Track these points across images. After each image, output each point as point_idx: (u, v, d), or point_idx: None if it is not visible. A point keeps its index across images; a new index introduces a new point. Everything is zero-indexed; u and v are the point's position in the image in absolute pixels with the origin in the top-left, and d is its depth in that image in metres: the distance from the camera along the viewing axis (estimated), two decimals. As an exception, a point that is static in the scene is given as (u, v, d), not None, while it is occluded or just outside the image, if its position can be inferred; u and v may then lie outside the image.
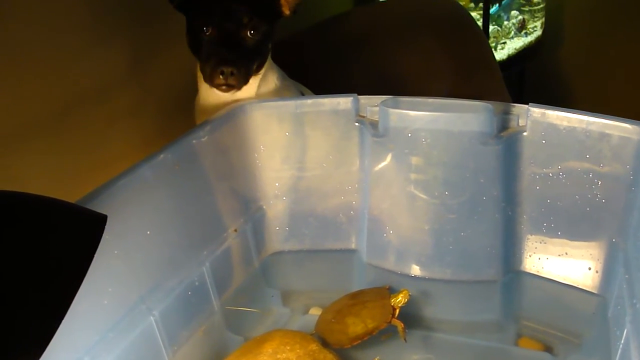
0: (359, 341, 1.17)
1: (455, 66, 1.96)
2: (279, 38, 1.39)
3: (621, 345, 0.98)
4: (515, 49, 2.86)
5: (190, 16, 1.30)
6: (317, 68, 1.82)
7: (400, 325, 1.16)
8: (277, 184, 1.33)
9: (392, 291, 1.21)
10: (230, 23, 1.26)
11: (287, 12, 1.35)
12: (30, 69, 1.24)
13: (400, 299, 1.17)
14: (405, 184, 1.24)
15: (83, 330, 0.94)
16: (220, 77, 1.24)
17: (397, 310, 1.17)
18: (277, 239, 1.37)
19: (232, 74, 1.24)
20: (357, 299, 1.22)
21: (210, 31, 1.26)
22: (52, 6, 1.27)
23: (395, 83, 1.86)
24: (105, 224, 0.68)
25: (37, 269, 0.61)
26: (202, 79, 1.33)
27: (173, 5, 1.30)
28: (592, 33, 2.97)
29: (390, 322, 1.17)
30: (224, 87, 1.27)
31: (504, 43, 2.85)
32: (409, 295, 1.17)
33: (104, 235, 0.68)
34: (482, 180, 1.19)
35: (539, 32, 2.92)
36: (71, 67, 1.31)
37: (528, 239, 1.22)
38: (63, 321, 0.62)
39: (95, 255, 0.66)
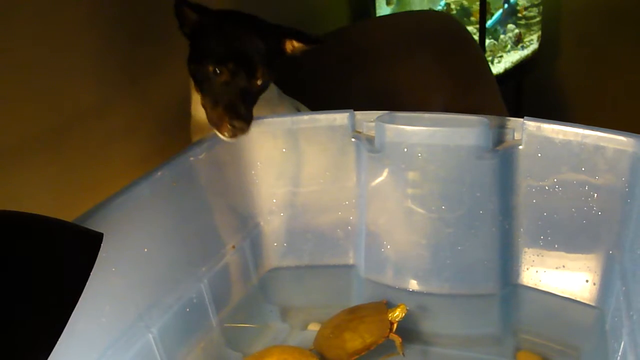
0: (357, 356, 1.17)
1: (452, 81, 1.97)
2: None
3: (619, 358, 0.98)
4: (512, 62, 2.87)
5: (199, 47, 1.28)
6: (313, 84, 1.82)
7: (398, 339, 1.17)
8: (274, 200, 1.33)
9: (389, 306, 1.21)
10: (243, 72, 1.24)
11: (289, 52, 1.34)
12: (29, 87, 1.24)
13: (397, 314, 1.17)
14: (402, 198, 1.24)
15: (81, 349, 0.94)
16: (228, 126, 1.21)
17: (395, 325, 1.18)
18: (275, 255, 1.37)
19: (241, 128, 1.22)
20: (354, 314, 1.22)
21: (221, 74, 1.23)
22: (51, 24, 1.28)
23: (392, 99, 1.87)
24: (101, 242, 0.68)
25: (34, 287, 0.61)
26: (195, 98, 1.32)
27: (182, 32, 1.29)
28: (589, 45, 2.98)
29: (388, 336, 1.17)
30: (228, 135, 1.24)
31: (501, 57, 2.86)
32: (407, 309, 1.17)
33: (101, 252, 0.68)
34: (478, 194, 1.19)
35: (535, 45, 2.93)
36: (69, 84, 1.31)
37: (525, 252, 1.22)
38: (62, 340, 0.62)
39: (93, 273, 0.66)
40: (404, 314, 1.17)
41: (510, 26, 2.88)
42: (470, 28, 2.64)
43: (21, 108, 1.24)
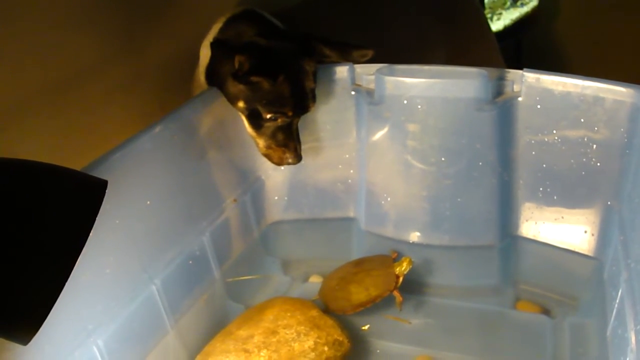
0: (362, 308, 1.18)
1: (451, 38, 1.95)
2: (274, 11, 1.39)
3: (616, 305, 0.99)
4: (511, 19, 2.85)
5: (254, 94, 1.21)
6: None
7: (399, 298, 1.17)
8: (275, 154, 1.34)
9: (397, 259, 1.21)
10: (298, 114, 1.23)
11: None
12: (29, 45, 1.23)
13: (404, 267, 1.17)
14: (402, 151, 1.25)
15: (86, 299, 0.95)
16: (287, 162, 1.24)
17: (401, 279, 1.18)
18: (277, 208, 1.38)
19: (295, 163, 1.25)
20: (360, 266, 1.23)
21: (278, 119, 1.21)
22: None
23: (391, 56, 1.86)
24: (105, 189, 0.69)
25: (39, 233, 0.61)
26: (204, 55, 1.30)
27: (238, 81, 1.20)
28: (588, 2, 2.95)
29: (393, 291, 1.18)
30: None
31: (500, 14, 2.84)
32: (412, 263, 1.18)
33: (105, 205, 0.68)
34: (478, 146, 1.20)
35: (534, 2, 2.90)
36: (69, 41, 1.30)
37: (524, 204, 1.23)
38: (67, 290, 0.63)
39: (97, 225, 0.66)
40: (409, 267, 1.18)
41: (510, -17, 2.86)
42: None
43: (21, 65, 1.23)
